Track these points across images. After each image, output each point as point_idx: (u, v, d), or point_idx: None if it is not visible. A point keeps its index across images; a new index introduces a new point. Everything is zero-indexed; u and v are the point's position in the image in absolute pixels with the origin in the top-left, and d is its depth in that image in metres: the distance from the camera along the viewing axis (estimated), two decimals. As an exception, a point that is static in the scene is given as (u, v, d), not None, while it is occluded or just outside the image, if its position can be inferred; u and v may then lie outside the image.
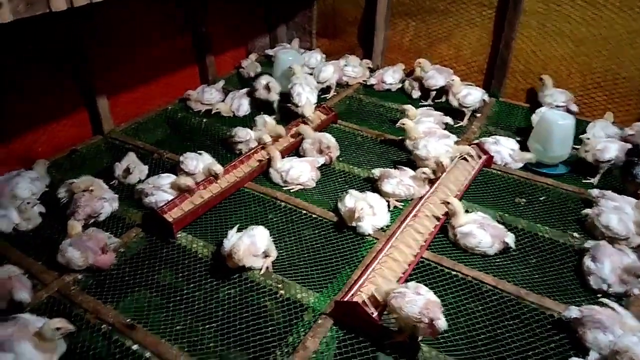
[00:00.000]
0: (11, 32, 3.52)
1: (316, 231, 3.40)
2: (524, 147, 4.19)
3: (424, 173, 3.60)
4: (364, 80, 5.62)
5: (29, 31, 3.75)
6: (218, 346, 2.60)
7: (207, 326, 2.72)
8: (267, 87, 4.82)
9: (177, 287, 2.96)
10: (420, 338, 2.52)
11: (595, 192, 3.57)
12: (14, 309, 2.61)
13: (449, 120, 4.60)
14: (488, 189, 3.89)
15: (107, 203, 3.43)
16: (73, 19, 3.98)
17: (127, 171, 3.81)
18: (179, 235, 3.28)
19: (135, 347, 2.51)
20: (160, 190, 3.53)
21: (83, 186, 3.38)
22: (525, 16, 4.95)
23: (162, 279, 3.02)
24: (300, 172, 3.81)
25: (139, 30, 4.73)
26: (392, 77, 5.48)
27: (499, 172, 4.03)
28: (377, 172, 3.76)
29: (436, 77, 5.11)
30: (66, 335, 2.47)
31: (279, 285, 2.90)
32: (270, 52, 6.13)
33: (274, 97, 4.88)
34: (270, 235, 3.09)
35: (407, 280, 2.82)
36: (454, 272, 3.01)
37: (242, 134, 4.25)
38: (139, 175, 3.87)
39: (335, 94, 5.38)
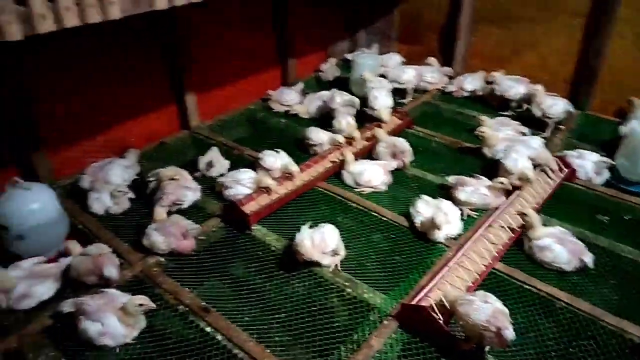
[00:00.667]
0: (116, 29, 3.84)
1: (385, 234, 3.43)
2: (609, 164, 3.99)
3: (501, 183, 3.53)
4: (442, 87, 5.58)
5: (131, 28, 4.06)
6: (285, 337, 2.70)
7: (276, 316, 2.82)
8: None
9: (249, 277, 3.10)
10: (487, 349, 2.48)
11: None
12: (102, 284, 2.85)
13: (526, 130, 4.46)
14: (569, 203, 3.73)
15: (190, 192, 3.64)
16: (172, 19, 4.27)
17: (210, 165, 4.03)
18: (254, 227, 3.43)
19: (208, 329, 2.66)
20: (239, 184, 3.71)
21: (170, 174, 3.61)
22: (619, 25, 4.70)
23: (236, 268, 3.17)
24: (373, 175, 3.85)
25: (229, 31, 4.97)
26: (471, 84, 5.39)
27: (582, 187, 3.86)
28: (451, 179, 3.72)
29: (516, 86, 4.97)
30: (147, 312, 2.67)
31: (347, 284, 2.96)
32: (349, 56, 6.22)
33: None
34: (340, 235, 3.16)
35: (477, 290, 2.78)
36: (526, 286, 2.93)
37: (315, 137, 4.36)
38: (220, 169, 4.08)
39: (411, 99, 5.38)
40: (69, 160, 4.01)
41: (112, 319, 2.54)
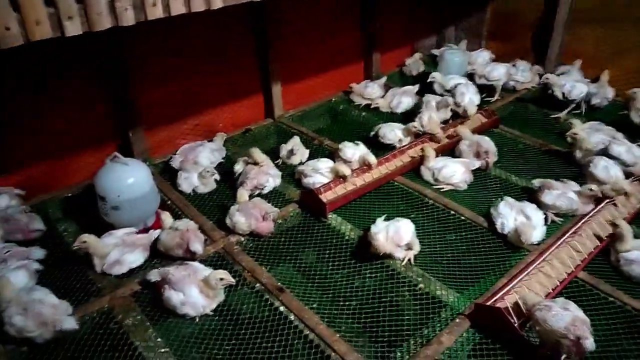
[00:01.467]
0: (213, 19, 4.04)
1: (463, 233, 3.37)
2: None
3: (590, 190, 3.34)
4: (532, 87, 5.35)
5: (227, 19, 4.26)
6: (355, 324, 2.74)
7: (347, 303, 2.87)
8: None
9: (323, 262, 3.17)
10: (563, 357, 2.38)
11: None
12: (187, 257, 3.04)
13: (619, 136, 4.17)
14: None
15: (271, 178, 3.78)
16: (263, 11, 4.42)
17: (291, 153, 4.15)
18: (330, 216, 3.49)
19: (282, 308, 2.76)
20: (318, 173, 3.79)
21: (256, 156, 3.78)
22: None
23: (311, 253, 3.26)
24: (453, 172, 3.78)
25: (316, 23, 5.07)
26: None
27: (684, 200, 3.57)
28: (537, 182, 3.58)
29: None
30: (226, 287, 2.81)
31: (419, 279, 2.95)
32: (436, 52, 6.10)
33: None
34: (415, 230, 3.15)
35: (556, 297, 2.67)
36: (611, 299, 2.77)
37: (390, 135, 4.35)
38: (300, 158, 4.18)
39: (499, 97, 5.20)
40: (163, 140, 4.30)
41: (194, 290, 2.71)
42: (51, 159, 3.77)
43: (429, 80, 5.06)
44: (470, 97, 4.64)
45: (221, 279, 2.71)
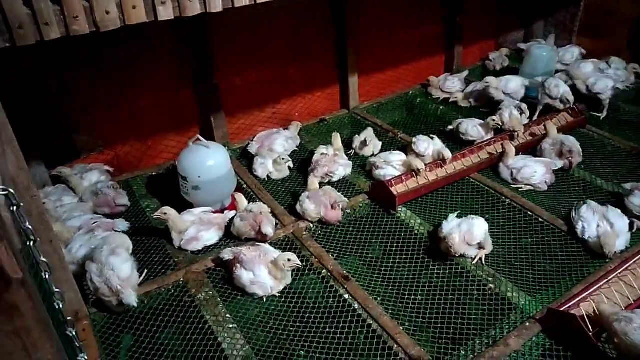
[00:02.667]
0: (294, 12, 4.13)
1: (540, 235, 3.23)
2: None
3: None
4: (626, 86, 4.98)
5: (305, 11, 4.33)
6: (419, 318, 2.71)
7: (412, 298, 2.84)
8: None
9: (389, 255, 3.16)
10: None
11: None
12: (258, 239, 3.14)
13: None
14: None
15: (341, 167, 3.81)
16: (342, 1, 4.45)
17: (364, 144, 4.15)
18: (400, 209, 3.47)
19: (346, 296, 2.79)
20: (390, 165, 3.77)
21: (336, 141, 3.88)
22: None
23: (378, 245, 3.25)
24: (534, 172, 3.63)
25: (395, 15, 5.01)
26: None
27: None
28: (628, 185, 3.35)
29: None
30: (293, 270, 2.89)
31: (490, 279, 2.87)
32: (522, 46, 5.85)
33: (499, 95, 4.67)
34: (489, 229, 3.06)
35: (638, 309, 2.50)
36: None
37: (472, 131, 4.23)
38: (373, 149, 4.18)
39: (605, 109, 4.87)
40: (241, 126, 4.46)
41: (263, 271, 2.81)
42: (138, 140, 4.03)
43: (482, 87, 4.84)
44: (564, 89, 4.41)
45: (289, 260, 2.78)
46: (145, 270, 2.95)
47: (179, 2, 2.58)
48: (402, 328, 2.57)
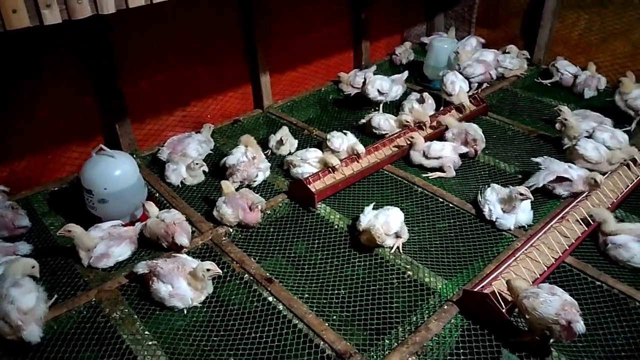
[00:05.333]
0: (199, 8, 4.00)
1: (451, 220, 3.37)
2: None
3: (594, 181, 3.34)
4: (521, 74, 5.34)
5: (211, 10, 4.22)
6: (343, 313, 2.74)
7: (336, 292, 2.86)
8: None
9: (311, 253, 3.16)
10: (551, 341, 2.39)
11: None
12: (174, 249, 3.02)
13: (608, 122, 4.17)
14: (653, 200, 3.50)
15: (261, 172, 3.76)
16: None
17: (280, 143, 4.13)
18: (319, 206, 3.48)
19: (270, 299, 2.75)
20: (307, 163, 3.77)
21: (247, 140, 3.79)
22: None
23: (300, 244, 3.25)
24: (442, 146, 3.83)
25: (303, 13, 5.02)
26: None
27: (670, 184, 3.60)
28: (539, 159, 3.63)
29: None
30: (214, 279, 2.81)
31: (408, 267, 2.95)
32: (425, 40, 6.09)
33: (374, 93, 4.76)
34: (404, 218, 3.14)
35: (543, 283, 2.68)
36: (597, 283, 2.79)
37: (384, 125, 4.33)
38: (289, 148, 4.17)
39: (488, 85, 5.19)
40: (150, 132, 4.27)
41: (182, 282, 2.70)
42: (36, 153, 3.73)
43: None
44: (460, 85, 4.63)
45: (208, 270, 2.70)
46: (55, 296, 2.74)
47: (66, 4, 2.40)
48: (327, 324, 2.58)
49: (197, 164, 3.74)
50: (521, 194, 3.11)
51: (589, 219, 3.14)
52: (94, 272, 2.96)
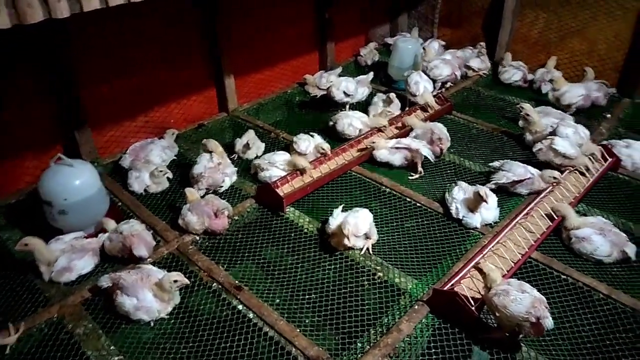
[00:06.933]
0: (159, 11, 3.91)
1: (419, 220, 3.39)
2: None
3: (554, 178, 3.41)
4: (483, 73, 5.43)
5: (173, 11, 4.13)
6: (315, 318, 2.71)
7: (307, 297, 2.83)
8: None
9: (282, 258, 3.13)
10: (520, 337, 2.43)
11: None
12: (135, 262, 2.92)
13: (568, 118, 4.27)
14: (612, 194, 3.59)
15: (227, 178, 3.69)
16: (210, 1, 4.31)
17: (247, 147, 4.07)
18: (288, 209, 3.45)
19: (240, 307, 2.71)
20: (274, 166, 3.73)
21: (211, 146, 3.70)
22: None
23: (269, 249, 3.21)
24: (407, 140, 3.86)
25: (268, 14, 4.97)
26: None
27: (627, 178, 3.70)
28: (497, 163, 3.67)
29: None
30: (181, 289, 2.73)
31: (378, 268, 2.95)
32: (389, 40, 6.13)
33: (340, 95, 4.78)
34: (373, 219, 3.14)
35: (511, 278, 2.71)
36: (563, 276, 2.85)
37: (348, 129, 4.30)
38: (256, 152, 4.12)
39: (452, 84, 5.26)
40: (112, 139, 4.15)
41: (148, 294, 2.62)
42: (-9, 164, 3.58)
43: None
44: (424, 86, 4.67)
45: (175, 281, 2.63)
46: (21, 329, 2.58)
47: (15, 7, 2.29)
48: (299, 330, 2.55)
49: (160, 170, 3.65)
50: (479, 195, 3.14)
51: (553, 214, 3.21)
52: (56, 287, 2.85)
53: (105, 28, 3.76)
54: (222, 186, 3.66)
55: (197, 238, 3.20)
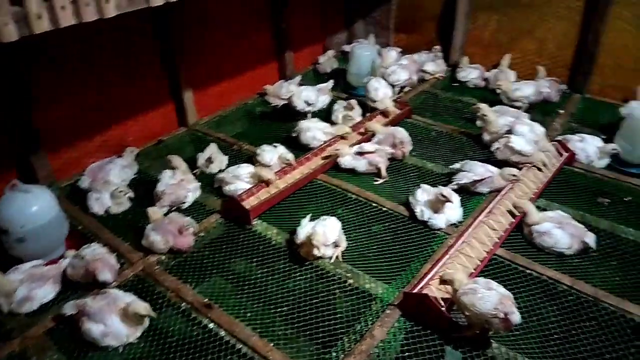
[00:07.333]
0: (112, 28, 3.83)
1: (386, 224, 3.42)
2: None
3: (513, 175, 3.50)
4: (440, 76, 5.55)
5: (127, 27, 4.06)
6: (288, 330, 2.69)
7: (278, 310, 2.81)
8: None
9: (251, 272, 3.09)
10: (490, 333, 2.47)
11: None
12: (99, 287, 2.83)
13: (524, 116, 4.40)
14: (569, 187, 3.72)
15: (190, 193, 3.63)
16: (166, 15, 4.25)
17: (209, 161, 4.02)
18: (255, 222, 3.42)
19: (211, 325, 2.66)
20: (239, 179, 3.70)
21: (176, 163, 3.68)
22: (617, 7, 4.66)
23: (238, 263, 3.17)
24: (374, 146, 3.92)
25: (224, 25, 4.94)
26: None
27: (582, 171, 3.85)
28: (457, 165, 3.73)
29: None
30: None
31: (348, 275, 2.96)
32: (346, 48, 6.18)
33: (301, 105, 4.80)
34: (341, 226, 3.15)
35: (478, 277, 2.77)
36: (528, 271, 2.92)
37: (310, 140, 4.31)
38: (219, 165, 4.07)
39: (410, 88, 5.34)
40: (68, 161, 4.01)
41: (115, 320, 2.54)
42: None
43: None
44: (383, 92, 4.73)
45: (142, 316, 2.56)
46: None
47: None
48: (272, 345, 2.53)
49: (121, 190, 3.57)
50: (443, 196, 3.20)
51: (514, 210, 3.30)
52: (16, 319, 2.73)
53: (55, 47, 3.65)
54: (185, 202, 3.60)
55: (163, 258, 3.13)
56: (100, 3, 2.72)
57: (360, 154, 3.90)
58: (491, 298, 2.38)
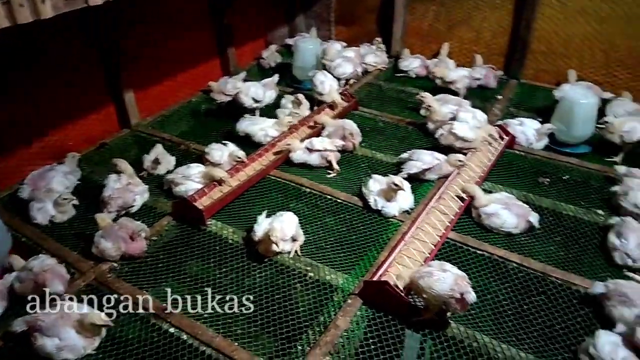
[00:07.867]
0: (48, 29, 3.63)
1: (341, 215, 3.46)
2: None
3: (459, 161, 3.61)
4: (383, 67, 5.65)
5: (64, 28, 3.87)
6: (251, 328, 2.68)
7: (241, 309, 2.79)
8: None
9: (208, 272, 3.05)
10: (448, 314, 2.56)
11: (622, 169, 3.55)
12: (52, 298, 2.70)
13: (465, 104, 4.56)
14: (512, 169, 3.90)
15: (138, 197, 3.53)
16: (105, 16, 4.09)
17: (156, 162, 3.91)
18: (209, 222, 3.37)
19: (172, 330, 2.61)
20: (190, 179, 3.62)
21: (122, 166, 3.57)
22: (546, -5, 4.91)
23: (195, 265, 3.11)
24: (322, 140, 3.95)
25: (163, 23, 4.82)
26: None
27: (522, 153, 4.04)
28: (405, 154, 3.82)
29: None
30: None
31: (308, 268, 2.98)
32: (290, 41, 6.17)
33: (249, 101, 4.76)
34: (298, 220, 3.16)
35: (433, 260, 2.86)
36: (479, 252, 3.05)
37: (265, 140, 4.27)
38: (167, 166, 3.97)
39: (355, 81, 5.40)
40: (6, 170, 3.80)
41: (70, 332, 2.45)
42: None
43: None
44: (330, 84, 4.76)
45: (97, 326, 2.47)
46: None
47: None
48: (237, 344, 2.51)
49: (65, 198, 3.41)
50: (395, 185, 3.27)
51: (462, 195, 3.42)
52: (-40, 342, 2.58)
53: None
54: (133, 206, 3.50)
55: (115, 265, 3.03)
56: (36, 4, 2.58)
57: (310, 150, 3.92)
58: (447, 279, 2.46)
